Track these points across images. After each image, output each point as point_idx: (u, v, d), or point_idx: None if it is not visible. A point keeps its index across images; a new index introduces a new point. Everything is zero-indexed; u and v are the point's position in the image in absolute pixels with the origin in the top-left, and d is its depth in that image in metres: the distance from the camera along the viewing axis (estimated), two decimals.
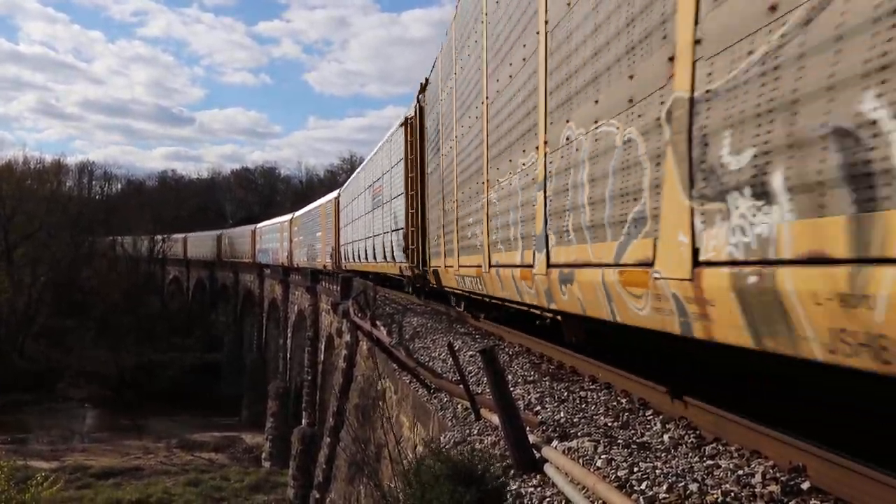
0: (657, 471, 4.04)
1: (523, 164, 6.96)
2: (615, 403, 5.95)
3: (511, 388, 5.98)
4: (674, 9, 3.76)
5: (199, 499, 32.04)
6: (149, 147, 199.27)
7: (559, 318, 7.14)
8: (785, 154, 2.85)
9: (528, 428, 4.97)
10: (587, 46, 5.10)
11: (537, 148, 6.39)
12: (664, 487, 3.78)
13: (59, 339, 57.37)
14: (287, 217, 48.86)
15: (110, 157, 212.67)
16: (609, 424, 5.27)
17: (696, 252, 3.58)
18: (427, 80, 14.20)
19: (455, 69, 10.95)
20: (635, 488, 3.84)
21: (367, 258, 22.97)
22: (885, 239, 2.33)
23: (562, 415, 5.69)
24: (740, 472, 3.91)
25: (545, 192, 6.12)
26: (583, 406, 5.99)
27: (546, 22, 6.08)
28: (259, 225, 60.10)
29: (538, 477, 4.45)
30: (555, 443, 4.88)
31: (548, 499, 4.11)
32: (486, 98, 8.68)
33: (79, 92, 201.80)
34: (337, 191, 34.16)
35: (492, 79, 8.42)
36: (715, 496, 3.60)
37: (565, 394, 6.51)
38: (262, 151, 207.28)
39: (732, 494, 3.60)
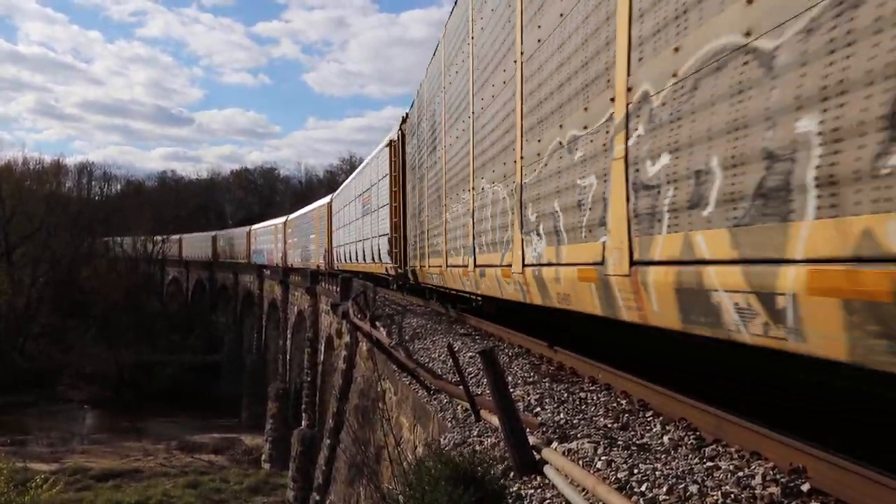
0: (657, 472, 4.04)
1: (464, 199, 10.21)
2: (615, 405, 5.95)
3: (511, 390, 5.98)
4: (515, 138, 7.38)
5: (199, 501, 32.04)
6: (148, 147, 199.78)
7: (481, 299, 11.04)
8: (543, 219, 6.41)
9: (527, 429, 4.97)
10: (488, 139, 8.74)
11: (470, 190, 9.71)
12: (664, 489, 3.78)
13: (58, 340, 57.38)
14: (281, 219, 50.82)
15: (109, 158, 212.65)
16: (609, 426, 5.27)
17: (524, 259, 7.02)
18: (407, 114, 17.27)
19: (426, 115, 14.04)
20: (635, 490, 3.84)
21: (358, 259, 24.90)
22: (562, 256, 5.88)
23: (562, 416, 5.69)
24: (740, 474, 3.90)
25: (473, 219, 9.57)
26: (582, 407, 5.98)
27: (473, 113, 9.54)
28: (254, 226, 61.92)
29: (538, 478, 4.44)
30: (555, 444, 4.87)
31: (548, 500, 4.10)
32: (445, 147, 11.84)
33: (78, 92, 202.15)
34: (329, 196, 35.91)
35: (449, 133, 11.62)
36: (715, 498, 3.60)
37: (565, 395, 6.50)
38: (261, 152, 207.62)
39: (732, 496, 3.60)
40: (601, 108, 4.99)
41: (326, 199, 35.88)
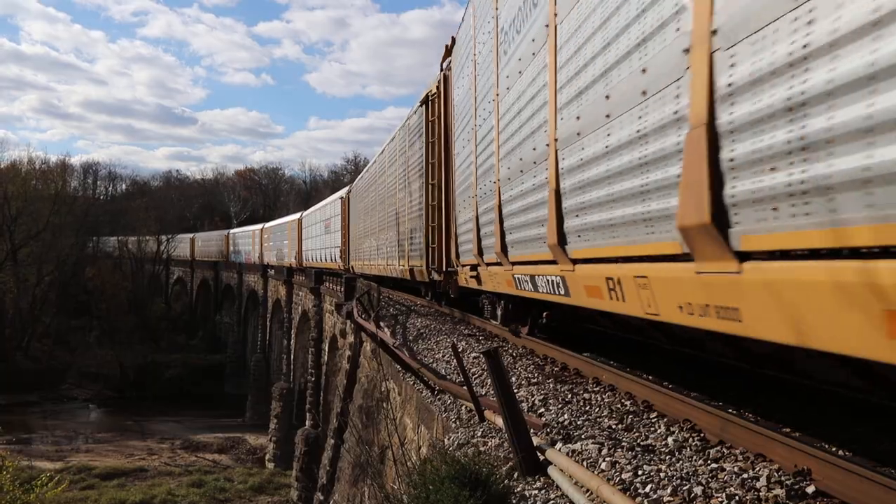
0: (661, 474, 4.03)
1: (388, 236, 17.90)
2: (619, 405, 5.94)
3: (515, 390, 5.98)
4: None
5: (203, 500, 32.08)
6: (151, 147, 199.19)
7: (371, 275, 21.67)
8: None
9: (532, 430, 4.97)
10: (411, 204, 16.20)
11: (396, 230, 17.36)
12: (668, 490, 3.77)
13: (63, 339, 57.52)
14: (258, 226, 63.69)
15: (113, 158, 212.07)
16: (613, 427, 5.26)
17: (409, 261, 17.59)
18: (352, 186, 31.48)
19: (370, 189, 23.95)
20: (639, 491, 3.84)
21: (321, 260, 39.35)
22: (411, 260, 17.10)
23: (566, 417, 5.69)
24: (745, 476, 3.89)
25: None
26: (587, 408, 5.98)
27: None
28: (232, 230, 73.79)
29: (542, 479, 4.44)
30: (559, 445, 4.87)
31: (552, 501, 4.10)
32: (399, 202, 17.47)
33: (81, 92, 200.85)
34: (299, 213, 49.46)
35: (404, 191, 17.19)
36: (719, 499, 3.59)
37: (569, 396, 6.50)
38: (265, 152, 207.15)
39: (737, 498, 3.59)
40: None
41: (297, 216, 49.11)
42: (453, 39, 12.20)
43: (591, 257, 5.54)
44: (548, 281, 6.73)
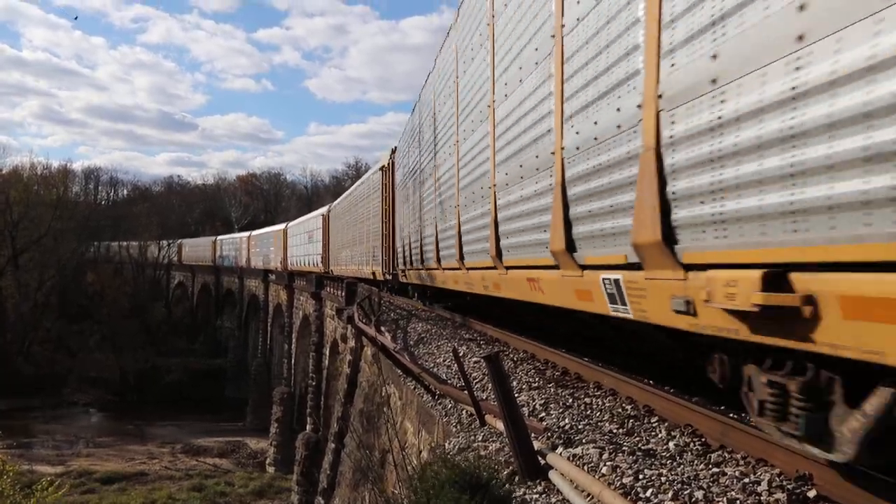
0: (662, 478, 4.03)
1: (361, 248, 25.46)
2: (620, 410, 5.93)
3: (516, 395, 5.98)
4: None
5: None
6: (152, 153, 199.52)
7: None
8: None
9: (532, 434, 4.96)
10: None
11: (368, 244, 24.51)
12: (669, 495, 3.77)
13: (64, 344, 57.50)
14: (246, 234, 68.83)
15: (115, 163, 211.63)
16: (614, 431, 5.25)
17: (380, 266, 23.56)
18: (331, 207, 37.70)
19: (346, 214, 30.83)
20: (640, 496, 3.83)
21: (305, 264, 44.90)
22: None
23: (567, 421, 5.68)
24: (746, 480, 3.89)
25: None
26: (588, 412, 5.97)
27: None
28: (220, 237, 77.99)
29: (543, 483, 4.44)
30: (560, 449, 4.87)
31: None
32: (366, 227, 24.15)
33: (82, 98, 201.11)
34: (285, 224, 55.10)
35: (369, 220, 24.25)
36: None
37: (570, 400, 6.49)
38: (265, 157, 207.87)
39: (738, 502, 3.59)
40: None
41: (282, 226, 55.09)
42: (396, 147, 20.31)
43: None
44: (423, 276, 13.96)
